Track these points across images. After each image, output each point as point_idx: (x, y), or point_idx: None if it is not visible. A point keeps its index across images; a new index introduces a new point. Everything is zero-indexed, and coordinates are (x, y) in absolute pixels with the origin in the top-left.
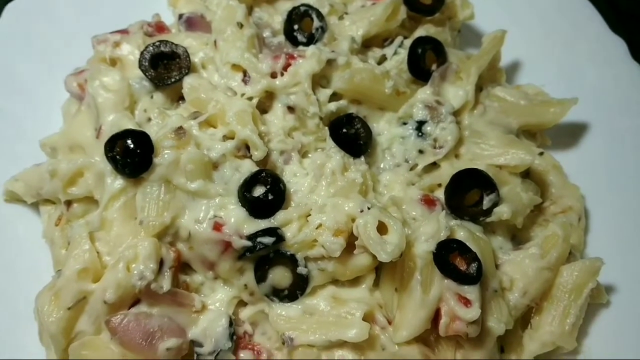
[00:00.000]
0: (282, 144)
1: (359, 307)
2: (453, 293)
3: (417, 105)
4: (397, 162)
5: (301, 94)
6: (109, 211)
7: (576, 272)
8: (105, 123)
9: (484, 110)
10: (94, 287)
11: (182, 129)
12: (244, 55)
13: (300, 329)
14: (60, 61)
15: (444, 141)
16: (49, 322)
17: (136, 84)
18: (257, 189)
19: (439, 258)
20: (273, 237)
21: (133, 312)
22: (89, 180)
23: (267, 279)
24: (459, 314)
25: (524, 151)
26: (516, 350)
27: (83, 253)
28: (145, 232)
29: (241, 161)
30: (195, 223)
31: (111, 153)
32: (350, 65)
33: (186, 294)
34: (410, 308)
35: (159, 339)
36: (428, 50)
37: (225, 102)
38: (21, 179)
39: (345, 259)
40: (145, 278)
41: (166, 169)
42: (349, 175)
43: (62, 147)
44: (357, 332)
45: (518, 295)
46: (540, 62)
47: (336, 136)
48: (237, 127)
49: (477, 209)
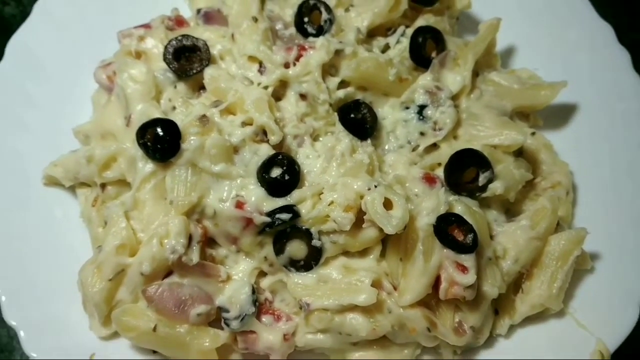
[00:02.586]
0: (295, 128)
1: (367, 275)
2: (452, 261)
3: (418, 90)
4: (400, 144)
5: (312, 83)
6: (141, 192)
7: (563, 241)
8: (135, 112)
9: (480, 94)
10: (131, 261)
11: (205, 117)
12: (260, 48)
13: (315, 295)
14: (87, 53)
15: (443, 124)
16: (93, 292)
17: (161, 75)
18: (274, 170)
19: (439, 230)
20: (290, 214)
21: (167, 282)
22: (122, 164)
23: (285, 251)
24: (457, 280)
25: (516, 132)
26: (509, 312)
27: (120, 230)
28: (175, 210)
29: (259, 145)
30: (219, 202)
31: (142, 140)
32: (357, 54)
33: (213, 266)
34: (414, 275)
35: (190, 306)
36: (428, 39)
37: (243, 91)
38: (59, 164)
39: (355, 232)
40: (177, 252)
41: (192, 154)
42: (357, 156)
43: (94, 135)
44: (366, 297)
45: (510, 263)
46: (533, 47)
47: (345, 121)
48: (255, 114)
49: (474, 185)
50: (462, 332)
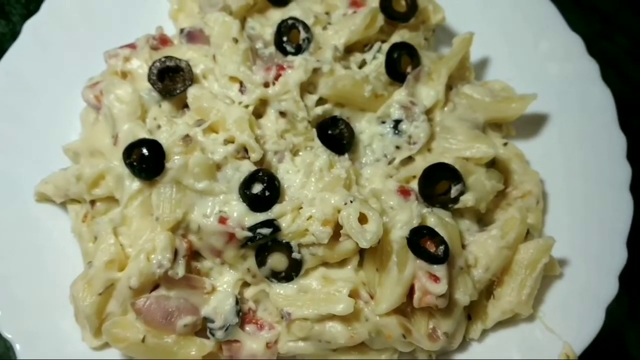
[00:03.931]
0: (275, 145)
1: (345, 285)
2: (424, 272)
3: (394, 105)
4: (377, 157)
5: (291, 101)
6: (128, 209)
7: (531, 250)
8: (121, 131)
9: (453, 107)
10: (120, 276)
11: (188, 137)
12: (240, 69)
13: (296, 305)
14: (75, 72)
15: (417, 138)
16: (84, 305)
17: (146, 95)
18: (255, 186)
19: (412, 242)
20: (270, 228)
21: (154, 295)
22: (110, 182)
23: (267, 263)
24: (430, 289)
25: (486, 145)
26: (481, 317)
27: (109, 247)
28: (161, 226)
29: (241, 162)
30: (203, 217)
31: (129, 160)
32: (334, 72)
33: (198, 278)
34: (389, 285)
35: (177, 317)
36: (403, 55)
37: (225, 111)
38: (50, 181)
39: (333, 245)
40: (163, 266)
41: (177, 172)
42: (335, 171)
43: (83, 152)
44: (344, 306)
45: (481, 271)
46: (506, 58)
47: (323, 137)
48: (237, 133)
49: (446, 197)
50: (435, 337)
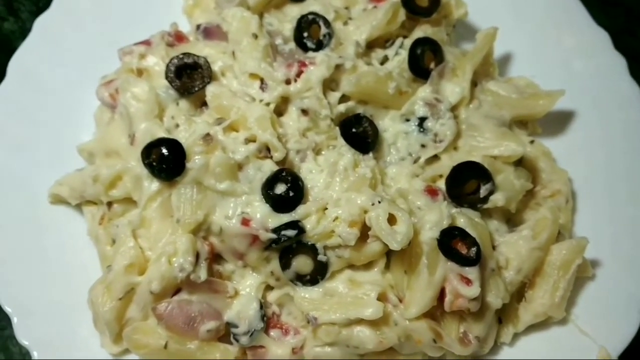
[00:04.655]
0: (298, 144)
1: (373, 289)
2: (456, 274)
3: (418, 102)
4: (401, 156)
5: (313, 98)
6: (147, 211)
7: (564, 251)
8: (138, 131)
9: (479, 105)
10: (140, 280)
11: (209, 136)
12: (261, 65)
13: (322, 309)
14: (88, 70)
15: (443, 135)
16: (104, 311)
17: (163, 93)
18: (279, 186)
19: (443, 244)
20: (295, 230)
21: (176, 300)
22: (128, 183)
23: (291, 266)
24: (462, 292)
25: (515, 143)
26: (513, 321)
27: (128, 250)
28: (182, 228)
29: (263, 161)
30: (225, 219)
31: (148, 160)
32: (357, 68)
33: (220, 282)
34: (419, 288)
35: (200, 322)
36: (426, 51)
37: (246, 109)
38: (65, 183)
39: (360, 247)
40: (185, 270)
41: (197, 173)
42: (360, 171)
43: (99, 153)
44: (373, 310)
45: (513, 273)
46: (530, 54)
47: (346, 135)
48: (259, 132)
49: (475, 197)
50: (467, 342)
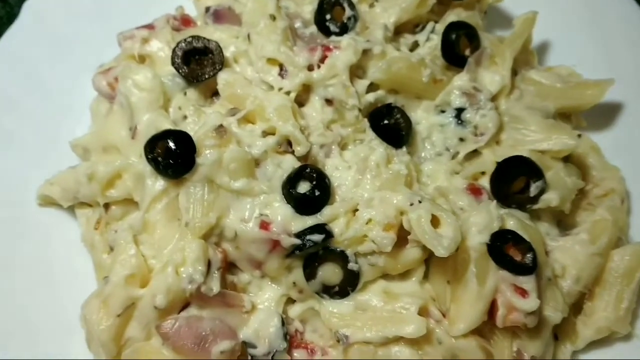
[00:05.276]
0: (322, 137)
1: (413, 302)
2: (509, 284)
3: (454, 92)
4: (438, 151)
5: (339, 86)
6: (151, 213)
7: (627, 257)
8: (141, 122)
9: (520, 95)
10: (143, 293)
11: (222, 127)
12: (280, 49)
13: (354, 325)
14: (83, 58)
15: (485, 128)
16: (99, 330)
17: (169, 81)
18: (302, 185)
19: (494, 249)
20: (322, 234)
21: (184, 316)
22: (128, 182)
23: (317, 276)
24: (517, 305)
25: (567, 135)
26: (570, 337)
27: (129, 258)
28: (192, 233)
29: (283, 157)
30: (241, 222)
31: (152, 155)
32: (386, 54)
33: (235, 295)
34: (466, 300)
35: (212, 342)
36: (462, 36)
37: (263, 98)
38: (56, 182)
39: (396, 253)
40: (195, 281)
41: (209, 169)
42: (393, 167)
43: (95, 148)
44: (415, 327)
45: (571, 282)
46: (569, 42)
47: (377, 127)
48: (279, 123)
49: (524, 196)
50: None
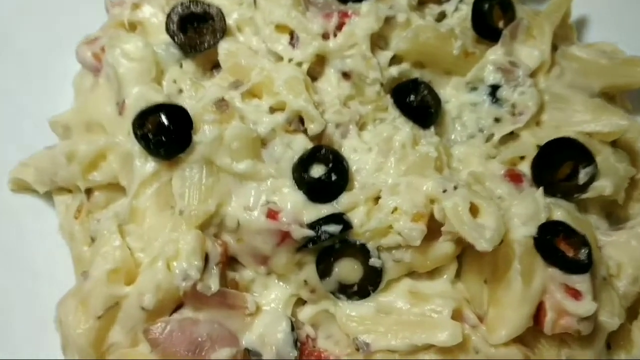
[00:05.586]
0: (337, 115)
1: (445, 304)
2: (559, 284)
3: (487, 67)
4: (470, 133)
5: (358, 57)
6: (139, 199)
7: None
8: (129, 96)
9: (560, 72)
10: (128, 291)
11: (223, 101)
12: (291, 14)
13: (376, 331)
14: (65, 28)
15: (524, 107)
16: (76, 334)
17: (162, 50)
18: (316, 168)
19: (542, 243)
20: (340, 225)
21: (176, 319)
22: (113, 163)
23: (333, 273)
24: (569, 309)
25: (618, 116)
26: (625, 346)
27: (113, 250)
28: (187, 223)
29: (293, 136)
30: (244, 211)
31: (141, 131)
32: (411, 23)
33: (236, 294)
34: (509, 303)
35: (209, 350)
36: (495, 6)
37: (271, 69)
38: (31, 164)
39: (425, 248)
40: (190, 278)
41: (208, 148)
42: (421, 149)
43: (77, 126)
44: (450, 334)
45: (627, 283)
46: (609, 17)
47: (401, 104)
48: (289, 97)
49: (572, 184)
50: None
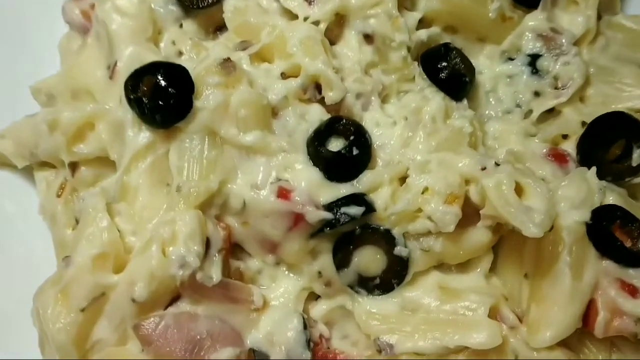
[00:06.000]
0: (358, 83)
1: (480, 301)
2: (613, 279)
3: (526, 35)
4: (506, 108)
5: (383, 17)
6: (131, 175)
7: None
8: (122, 58)
9: (605, 43)
10: (117, 280)
11: (230, 61)
12: None
13: (401, 330)
14: None
15: (567, 79)
16: (56, 329)
17: (160, 7)
18: (334, 142)
19: (597, 231)
20: (361, 207)
21: (172, 313)
22: (102, 133)
23: (351, 263)
24: (625, 308)
25: None
26: None
27: (100, 232)
28: (185, 202)
29: (308, 106)
30: (251, 189)
31: (135, 94)
32: None
33: (241, 286)
34: (555, 301)
35: (209, 349)
36: None
37: (285, 28)
38: (9, 135)
39: (457, 235)
40: (188, 265)
41: (211, 115)
42: (453, 122)
43: (62, 93)
44: (488, 335)
45: None
46: None
47: (431, 72)
48: (305, 60)
49: (624, 165)
50: None
